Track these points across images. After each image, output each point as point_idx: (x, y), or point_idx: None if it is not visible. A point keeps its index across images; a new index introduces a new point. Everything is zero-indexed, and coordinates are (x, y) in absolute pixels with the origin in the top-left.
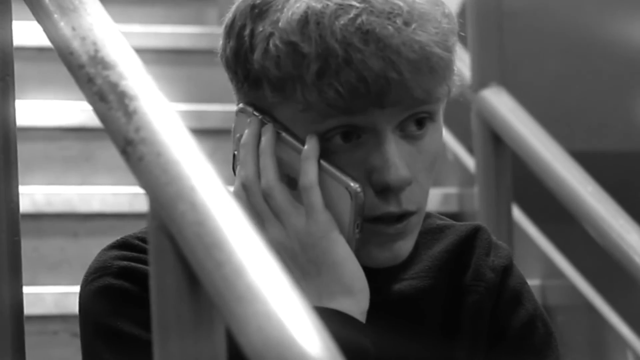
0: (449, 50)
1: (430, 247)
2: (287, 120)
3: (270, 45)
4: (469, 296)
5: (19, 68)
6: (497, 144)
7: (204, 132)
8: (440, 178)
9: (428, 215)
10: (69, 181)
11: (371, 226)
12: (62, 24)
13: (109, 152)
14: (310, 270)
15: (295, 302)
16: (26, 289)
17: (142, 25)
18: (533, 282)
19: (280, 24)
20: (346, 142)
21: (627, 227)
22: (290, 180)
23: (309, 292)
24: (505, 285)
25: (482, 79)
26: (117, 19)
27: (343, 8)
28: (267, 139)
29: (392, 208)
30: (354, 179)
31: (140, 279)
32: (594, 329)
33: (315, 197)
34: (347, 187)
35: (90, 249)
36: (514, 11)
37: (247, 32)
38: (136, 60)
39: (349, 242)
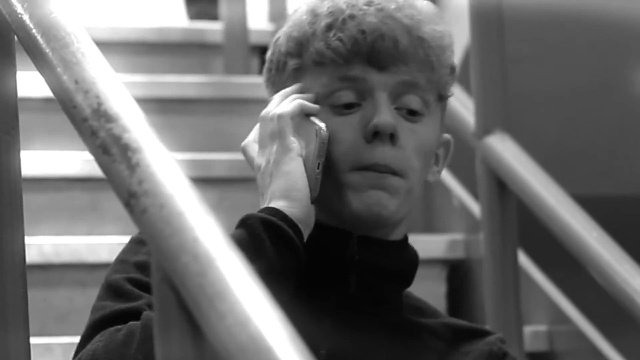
0: (441, 36)
1: (437, 317)
2: (304, 92)
3: (296, 16)
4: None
5: (25, 119)
6: (502, 190)
7: (210, 182)
8: (446, 224)
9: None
10: (77, 231)
11: (354, 175)
12: (65, 77)
13: (116, 202)
14: (267, 182)
15: (298, 353)
16: (35, 340)
17: (148, 74)
18: (540, 328)
19: (308, 2)
20: (349, 109)
21: (632, 272)
22: None
23: (263, 201)
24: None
25: (486, 126)
26: (122, 69)
27: None
28: (292, 88)
29: (378, 159)
30: (324, 124)
31: None
32: None
33: (286, 125)
34: (315, 126)
35: None
36: (518, 57)
37: (281, 32)
38: (139, 113)
39: (309, 178)
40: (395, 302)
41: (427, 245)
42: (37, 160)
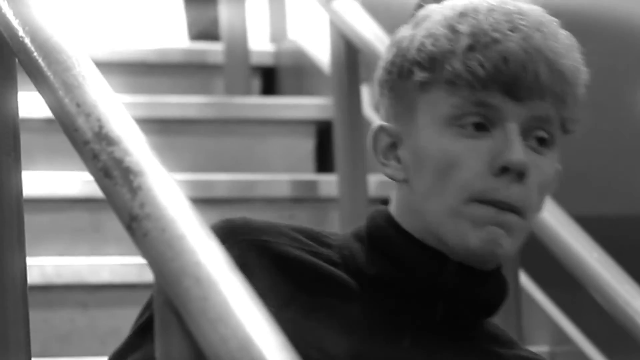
0: (579, 71)
1: (513, 348)
2: (430, 108)
3: (431, 25)
4: None
5: (27, 139)
6: None
7: (212, 202)
8: None
9: None
10: (78, 252)
11: (473, 207)
12: (66, 100)
13: (118, 222)
14: None
15: None
16: None
17: (148, 95)
18: (541, 349)
19: (444, 14)
20: (478, 131)
21: (633, 292)
22: None
23: None
24: None
25: None
26: (123, 89)
27: (498, 8)
28: None
29: (502, 197)
30: None
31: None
32: None
33: None
34: None
35: (100, 319)
36: None
37: (408, 34)
38: (140, 136)
39: None
40: (477, 329)
41: None
42: (38, 181)
